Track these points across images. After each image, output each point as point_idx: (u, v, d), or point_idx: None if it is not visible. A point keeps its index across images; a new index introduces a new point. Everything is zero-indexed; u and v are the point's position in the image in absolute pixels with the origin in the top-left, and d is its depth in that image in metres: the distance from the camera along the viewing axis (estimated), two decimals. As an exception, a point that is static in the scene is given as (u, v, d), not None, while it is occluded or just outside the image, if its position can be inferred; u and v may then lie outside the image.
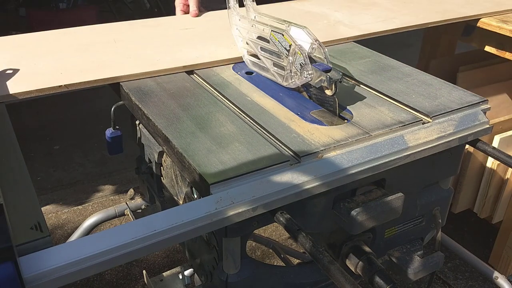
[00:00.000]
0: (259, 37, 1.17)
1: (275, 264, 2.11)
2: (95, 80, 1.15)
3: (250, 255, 2.15)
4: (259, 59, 1.21)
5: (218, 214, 0.79)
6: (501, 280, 1.63)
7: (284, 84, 1.14)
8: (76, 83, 1.13)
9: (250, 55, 1.25)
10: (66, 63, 1.23)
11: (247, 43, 1.22)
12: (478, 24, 1.67)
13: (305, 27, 1.11)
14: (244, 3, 1.25)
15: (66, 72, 1.17)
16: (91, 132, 2.98)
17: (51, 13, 3.30)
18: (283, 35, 1.07)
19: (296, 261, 1.96)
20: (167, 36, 1.44)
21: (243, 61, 1.28)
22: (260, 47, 1.18)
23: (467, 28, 1.73)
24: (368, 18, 1.62)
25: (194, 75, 1.24)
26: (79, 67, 1.21)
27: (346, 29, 1.53)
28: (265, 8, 1.52)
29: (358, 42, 1.48)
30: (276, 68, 1.16)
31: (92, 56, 1.28)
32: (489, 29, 1.65)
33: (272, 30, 1.10)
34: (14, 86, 1.10)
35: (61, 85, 1.11)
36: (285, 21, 1.15)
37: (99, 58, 1.26)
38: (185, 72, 1.23)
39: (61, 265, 0.67)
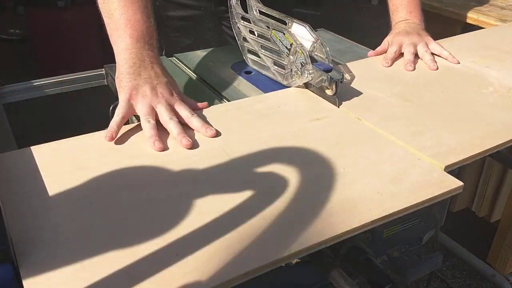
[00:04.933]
0: (260, 35, 1.17)
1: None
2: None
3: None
4: (259, 57, 1.20)
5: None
6: (499, 278, 1.63)
7: (285, 83, 1.14)
8: None
9: (251, 53, 1.24)
10: (120, 225, 0.69)
11: (248, 41, 1.21)
12: None
13: (307, 24, 1.11)
14: (247, 1, 1.23)
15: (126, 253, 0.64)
16: (91, 131, 2.95)
17: (50, 11, 3.27)
18: (284, 33, 1.07)
19: (295, 260, 1.96)
20: (281, 140, 0.89)
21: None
22: (261, 45, 1.17)
23: None
24: None
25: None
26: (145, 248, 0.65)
27: None
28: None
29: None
30: (276, 67, 1.16)
31: (154, 214, 0.71)
32: None
33: (273, 29, 1.09)
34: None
35: None
36: (287, 17, 1.14)
37: (169, 221, 0.70)
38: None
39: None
